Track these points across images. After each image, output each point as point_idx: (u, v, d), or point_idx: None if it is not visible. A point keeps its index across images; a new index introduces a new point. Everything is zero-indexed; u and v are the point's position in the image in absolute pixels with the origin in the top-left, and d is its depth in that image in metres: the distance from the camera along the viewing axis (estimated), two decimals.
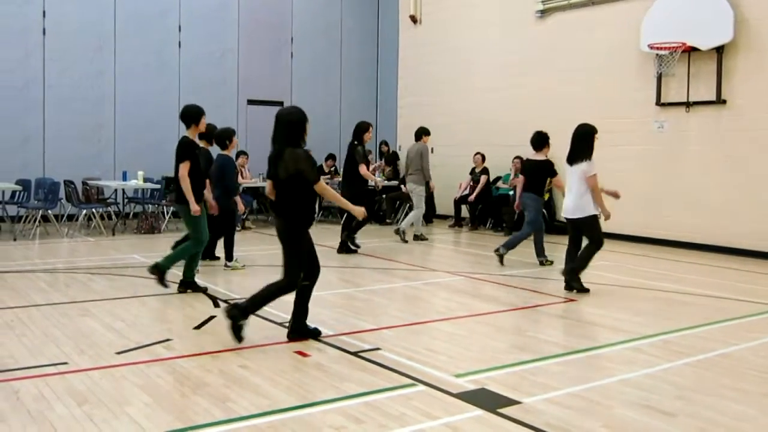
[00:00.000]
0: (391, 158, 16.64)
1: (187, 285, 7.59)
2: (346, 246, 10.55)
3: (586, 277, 8.99)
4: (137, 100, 14.91)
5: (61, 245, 11.17)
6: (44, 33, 14.00)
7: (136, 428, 3.86)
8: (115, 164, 14.60)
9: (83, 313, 6.52)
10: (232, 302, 5.89)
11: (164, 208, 13.65)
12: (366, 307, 7.10)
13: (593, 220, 7.72)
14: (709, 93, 11.36)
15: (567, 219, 8.00)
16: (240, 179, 13.63)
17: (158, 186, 13.52)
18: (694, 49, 11.35)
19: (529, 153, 9.99)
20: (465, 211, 14.70)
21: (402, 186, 15.45)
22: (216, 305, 6.96)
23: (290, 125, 5.58)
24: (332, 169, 16.11)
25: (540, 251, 9.83)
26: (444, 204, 15.51)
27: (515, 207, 10.33)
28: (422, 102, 16.65)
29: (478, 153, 14.42)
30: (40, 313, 6.57)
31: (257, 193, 14.99)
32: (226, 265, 9.18)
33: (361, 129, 10.61)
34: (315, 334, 5.80)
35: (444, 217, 15.53)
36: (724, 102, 11.21)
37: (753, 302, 7.60)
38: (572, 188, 7.77)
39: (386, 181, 15.61)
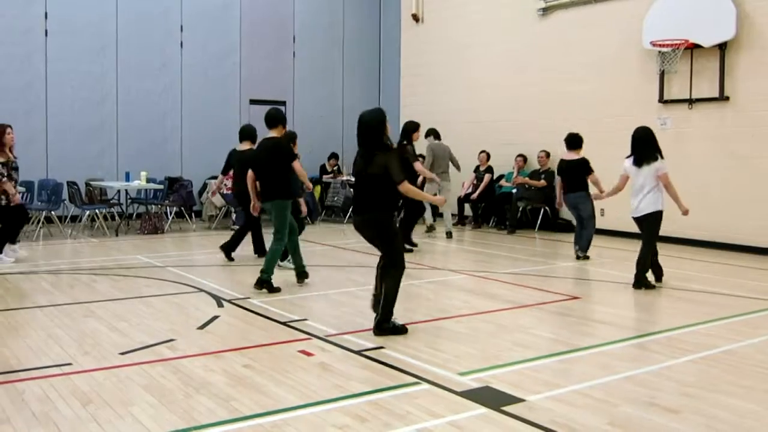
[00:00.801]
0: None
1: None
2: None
3: (589, 274, 9.01)
4: (139, 100, 14.92)
5: (64, 246, 11.19)
6: (46, 34, 14.01)
7: (140, 428, 3.86)
8: (118, 165, 14.61)
9: (87, 314, 6.53)
10: (376, 324, 5.92)
11: (167, 208, 13.66)
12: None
13: (659, 216, 8.02)
14: (712, 90, 11.34)
15: (636, 218, 8.16)
16: None
17: (161, 186, 13.53)
18: (696, 46, 11.32)
19: (561, 153, 10.36)
20: (468, 210, 14.69)
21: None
22: (220, 305, 6.97)
23: (369, 128, 5.84)
24: (335, 168, 16.11)
25: (585, 245, 10.09)
26: (447, 202, 15.48)
27: (557, 205, 10.88)
28: (425, 101, 16.62)
29: (483, 151, 14.39)
30: (43, 314, 6.58)
31: None
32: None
33: (410, 129, 10.97)
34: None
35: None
36: (727, 99, 11.18)
37: (758, 299, 7.58)
38: (642, 188, 8.00)
39: None
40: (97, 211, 12.94)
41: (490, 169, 14.29)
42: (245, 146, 9.83)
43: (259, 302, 7.08)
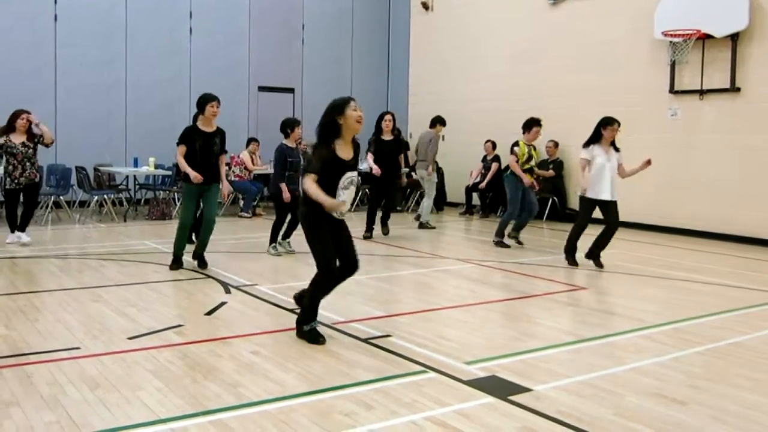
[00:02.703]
0: (403, 145, 16.60)
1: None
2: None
3: (589, 264, 8.97)
4: (148, 86, 14.93)
5: (73, 231, 11.22)
6: (56, 19, 14.01)
7: (148, 413, 3.88)
8: (127, 150, 14.63)
9: (95, 299, 6.56)
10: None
11: (175, 194, 13.68)
12: (377, 294, 7.11)
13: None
14: (723, 81, 11.26)
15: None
16: (251, 166, 13.69)
17: (169, 172, 13.55)
18: (708, 37, 11.25)
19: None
20: (476, 199, 14.67)
21: (412, 173, 15.46)
22: (227, 291, 6.98)
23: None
24: None
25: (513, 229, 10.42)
26: (455, 192, 15.49)
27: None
28: (433, 90, 16.58)
29: (488, 141, 14.37)
30: (52, 298, 6.61)
31: (268, 180, 14.99)
32: (274, 248, 9.38)
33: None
34: None
35: (455, 205, 15.50)
36: (739, 90, 11.11)
37: (766, 291, 7.55)
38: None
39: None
40: (105, 196, 12.97)
41: (497, 158, 14.25)
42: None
43: (266, 289, 7.10)
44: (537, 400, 4.20)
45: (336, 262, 5.31)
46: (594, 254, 8.61)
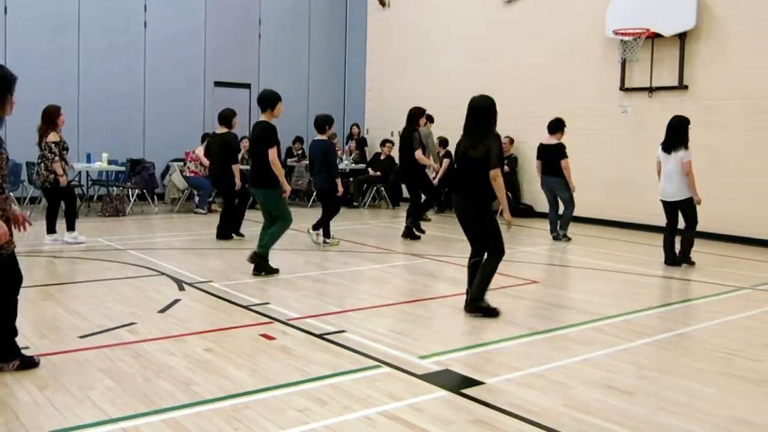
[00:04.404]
0: (360, 142, 16.64)
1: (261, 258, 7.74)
2: (411, 232, 10.63)
3: (548, 259, 9.13)
4: (102, 80, 14.66)
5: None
6: (5, 11, 13.69)
7: (98, 413, 3.84)
8: (79, 146, 14.34)
9: (45, 297, 6.45)
10: (471, 304, 6.16)
11: (129, 190, 13.50)
12: (332, 290, 7.12)
13: (691, 201, 8.56)
14: (672, 78, 11.52)
15: (665, 202, 8.74)
16: (205, 161, 13.54)
17: (123, 168, 13.37)
18: (657, 36, 11.49)
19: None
20: None
21: (369, 169, 15.50)
22: (181, 288, 6.93)
23: (482, 111, 6.10)
24: (300, 152, 16.04)
25: (564, 226, 10.68)
26: None
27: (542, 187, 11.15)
28: (389, 86, 16.63)
29: (438, 137, 14.42)
30: None
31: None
32: (324, 242, 9.68)
33: (417, 114, 10.69)
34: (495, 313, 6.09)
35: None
36: (686, 87, 11.37)
37: (714, 283, 7.76)
38: (670, 174, 8.55)
39: (353, 164, 15.63)
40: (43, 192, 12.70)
41: (448, 154, 14.32)
42: (222, 130, 10.23)
43: (220, 286, 7.06)
44: (489, 392, 4.26)
45: None
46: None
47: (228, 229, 10.14)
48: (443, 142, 14.37)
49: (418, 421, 3.82)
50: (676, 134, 8.54)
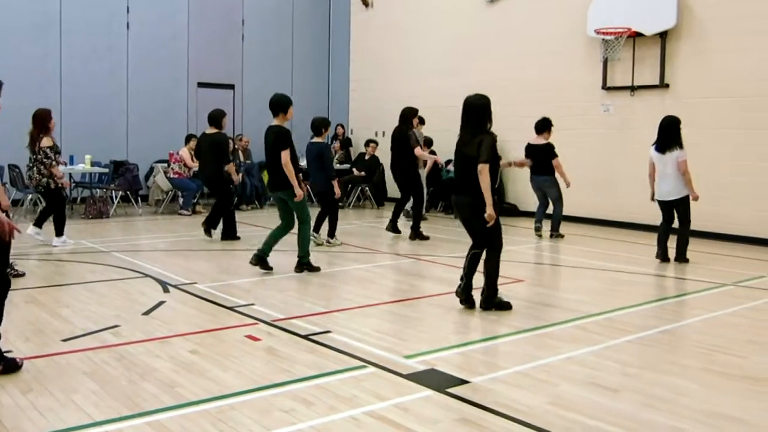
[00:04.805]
0: (345, 142, 16.64)
1: (261, 260, 7.81)
2: (395, 226, 10.90)
3: (533, 258, 9.17)
4: (84, 82, 14.55)
5: None
6: None
7: (82, 416, 3.82)
8: (62, 148, 14.22)
9: (29, 300, 6.40)
10: (483, 299, 6.33)
11: (112, 192, 13.43)
12: (317, 291, 7.11)
13: (687, 200, 8.65)
14: (653, 77, 11.60)
15: (662, 201, 8.80)
16: (190, 163, 13.51)
17: (106, 170, 13.29)
18: (638, 35, 11.57)
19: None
20: None
21: (354, 169, 15.49)
22: (166, 290, 6.90)
23: (477, 109, 6.13)
24: None
25: (556, 225, 10.82)
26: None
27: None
28: (373, 86, 16.63)
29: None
30: None
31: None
32: (327, 242, 9.74)
33: (410, 114, 10.92)
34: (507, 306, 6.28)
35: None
36: (667, 86, 11.45)
37: (696, 281, 7.82)
38: (665, 173, 8.63)
39: (338, 164, 15.61)
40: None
41: (432, 154, 14.33)
42: (211, 130, 10.15)
43: (205, 287, 7.04)
44: (474, 391, 4.27)
45: None
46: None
47: (225, 228, 10.08)
48: (428, 141, 14.38)
49: (404, 420, 3.82)
50: (669, 134, 8.63)
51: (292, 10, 17.43)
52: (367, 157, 15.35)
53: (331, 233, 9.82)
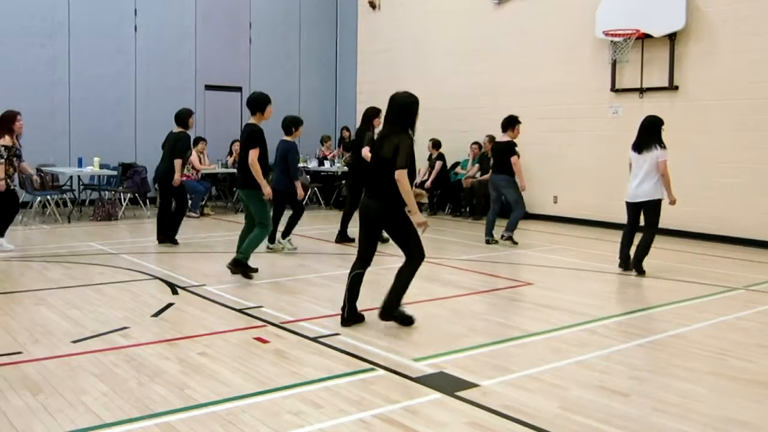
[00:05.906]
0: (350, 144, 16.63)
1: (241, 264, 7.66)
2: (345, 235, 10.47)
3: (541, 261, 9.15)
4: (93, 85, 14.62)
5: (15, 233, 10.93)
6: None
7: (92, 418, 3.83)
8: (71, 150, 14.34)
9: (38, 302, 6.43)
10: (385, 311, 5.77)
11: (121, 194, 13.47)
12: (325, 293, 7.11)
13: (659, 204, 8.16)
14: (662, 79, 11.56)
15: (630, 203, 8.34)
16: (198, 165, 13.55)
17: (114, 172, 13.33)
18: (647, 36, 11.54)
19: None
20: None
21: None
22: (174, 292, 6.91)
23: (402, 109, 5.73)
24: None
25: (511, 227, 10.33)
26: None
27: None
28: (380, 88, 16.57)
29: (431, 139, 14.43)
30: None
31: (216, 179, 14.87)
32: (279, 242, 9.42)
33: (371, 115, 10.61)
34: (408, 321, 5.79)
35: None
36: (677, 88, 11.42)
37: (704, 284, 7.79)
38: (638, 174, 8.16)
39: (345, 168, 15.61)
40: (48, 197, 12.70)
41: (441, 157, 14.37)
42: (177, 129, 10.22)
43: (214, 289, 7.05)
44: (484, 395, 4.27)
45: None
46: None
47: (168, 228, 9.88)
48: (436, 144, 14.40)
49: (413, 423, 3.82)
50: (649, 134, 8.19)
51: (299, 12, 17.47)
52: None
53: (286, 233, 9.48)
